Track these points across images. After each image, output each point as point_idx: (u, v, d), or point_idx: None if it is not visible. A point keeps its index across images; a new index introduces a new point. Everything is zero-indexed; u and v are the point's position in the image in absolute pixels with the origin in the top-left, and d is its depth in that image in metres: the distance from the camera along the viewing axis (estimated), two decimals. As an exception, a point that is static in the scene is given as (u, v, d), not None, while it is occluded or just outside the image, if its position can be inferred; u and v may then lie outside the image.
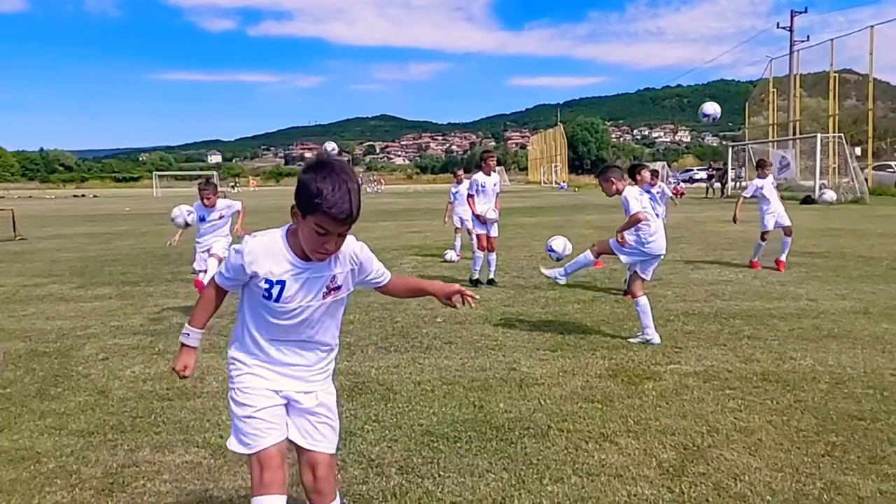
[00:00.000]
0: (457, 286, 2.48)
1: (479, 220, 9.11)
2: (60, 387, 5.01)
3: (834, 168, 32.58)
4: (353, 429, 4.04)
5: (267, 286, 2.17)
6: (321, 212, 2.04)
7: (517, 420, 4.14)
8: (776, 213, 10.12)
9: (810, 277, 9.24)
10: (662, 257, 6.17)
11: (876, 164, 34.14)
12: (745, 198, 10.51)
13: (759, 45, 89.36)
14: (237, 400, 2.28)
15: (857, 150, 33.24)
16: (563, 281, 6.51)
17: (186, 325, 2.41)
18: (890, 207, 23.14)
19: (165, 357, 5.79)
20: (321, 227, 2.07)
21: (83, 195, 69.02)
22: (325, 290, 2.25)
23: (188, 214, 7.65)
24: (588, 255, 6.28)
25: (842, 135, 31.73)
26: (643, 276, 6.05)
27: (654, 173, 13.51)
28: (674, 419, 4.10)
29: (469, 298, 2.47)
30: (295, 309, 2.23)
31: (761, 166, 10.64)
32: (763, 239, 10.26)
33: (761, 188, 10.22)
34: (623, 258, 6.10)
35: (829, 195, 11.36)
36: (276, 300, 2.19)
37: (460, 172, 12.70)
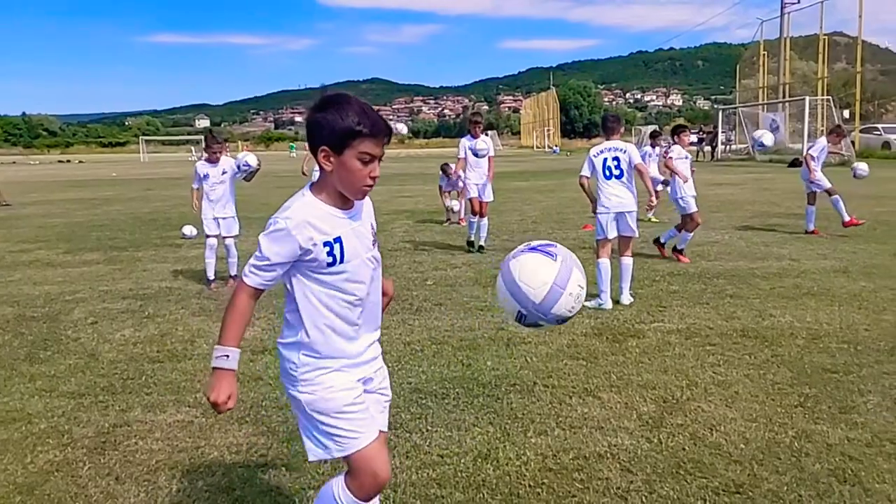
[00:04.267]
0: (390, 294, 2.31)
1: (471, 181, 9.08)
2: (50, 350, 5.05)
3: (822, 131, 32.57)
4: (342, 387, 4.12)
5: (328, 249, 1.96)
6: (364, 136, 1.92)
7: (504, 377, 4.23)
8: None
9: (794, 238, 9.36)
10: (623, 214, 6.00)
11: (863, 126, 34.18)
12: (812, 157, 9.73)
13: (751, 7, 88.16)
14: (325, 399, 2.00)
15: (846, 113, 33.27)
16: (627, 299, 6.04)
17: (219, 345, 2.00)
18: (876, 170, 23.14)
19: (155, 320, 5.84)
20: (366, 154, 1.94)
21: (68, 161, 68.11)
22: (371, 237, 2.11)
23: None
24: (601, 268, 6.02)
25: (830, 97, 31.72)
26: (606, 234, 6.02)
27: (655, 134, 13.68)
28: (655, 374, 4.20)
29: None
30: (358, 265, 2.04)
31: (837, 133, 10.04)
32: (833, 194, 9.58)
33: (823, 149, 9.72)
34: (605, 234, 6.04)
35: (862, 169, 9.77)
36: (342, 261, 1.98)
37: (451, 170, 12.48)
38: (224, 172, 7.19)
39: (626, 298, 6.01)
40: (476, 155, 8.93)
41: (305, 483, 3.00)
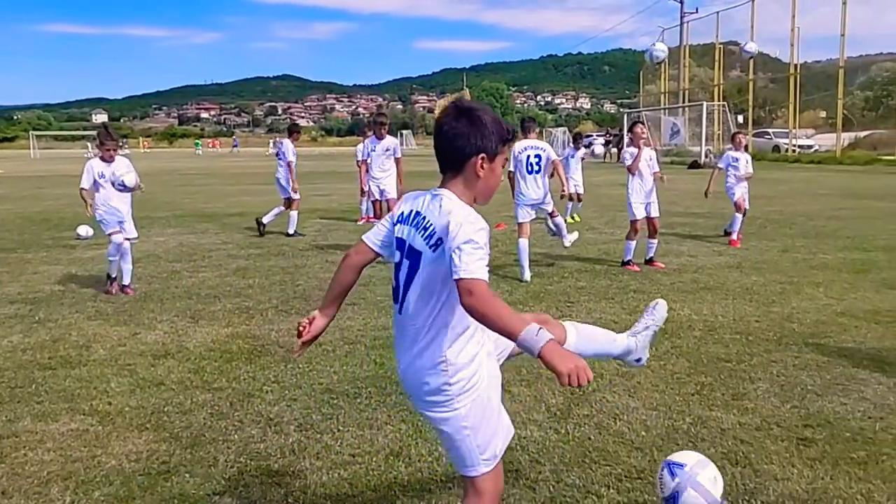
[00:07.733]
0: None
1: (375, 186, 9.54)
2: (-75, 359, 4.63)
3: (719, 135, 34.66)
4: (252, 390, 4.01)
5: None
6: (510, 141, 2.04)
7: (416, 375, 4.23)
8: (744, 186, 9.52)
9: (692, 236, 9.90)
10: (537, 205, 7.15)
11: (756, 130, 36.60)
12: (719, 169, 9.69)
13: (655, 16, 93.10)
14: (490, 396, 2.03)
15: (740, 118, 35.54)
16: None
17: (523, 331, 1.75)
18: (766, 172, 24.96)
19: (46, 325, 5.47)
20: (505, 158, 2.08)
21: (-52, 156, 62.70)
22: None
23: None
24: (521, 247, 7.10)
25: (725, 103, 33.78)
26: (523, 220, 7.14)
27: (578, 136, 14.21)
28: (563, 368, 4.32)
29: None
30: None
31: (735, 141, 9.94)
32: (739, 211, 9.35)
33: (737, 160, 9.54)
34: (522, 219, 7.17)
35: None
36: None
37: (370, 133, 12.58)
38: (118, 172, 6.64)
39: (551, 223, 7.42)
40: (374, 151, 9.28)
41: (211, 489, 2.89)
